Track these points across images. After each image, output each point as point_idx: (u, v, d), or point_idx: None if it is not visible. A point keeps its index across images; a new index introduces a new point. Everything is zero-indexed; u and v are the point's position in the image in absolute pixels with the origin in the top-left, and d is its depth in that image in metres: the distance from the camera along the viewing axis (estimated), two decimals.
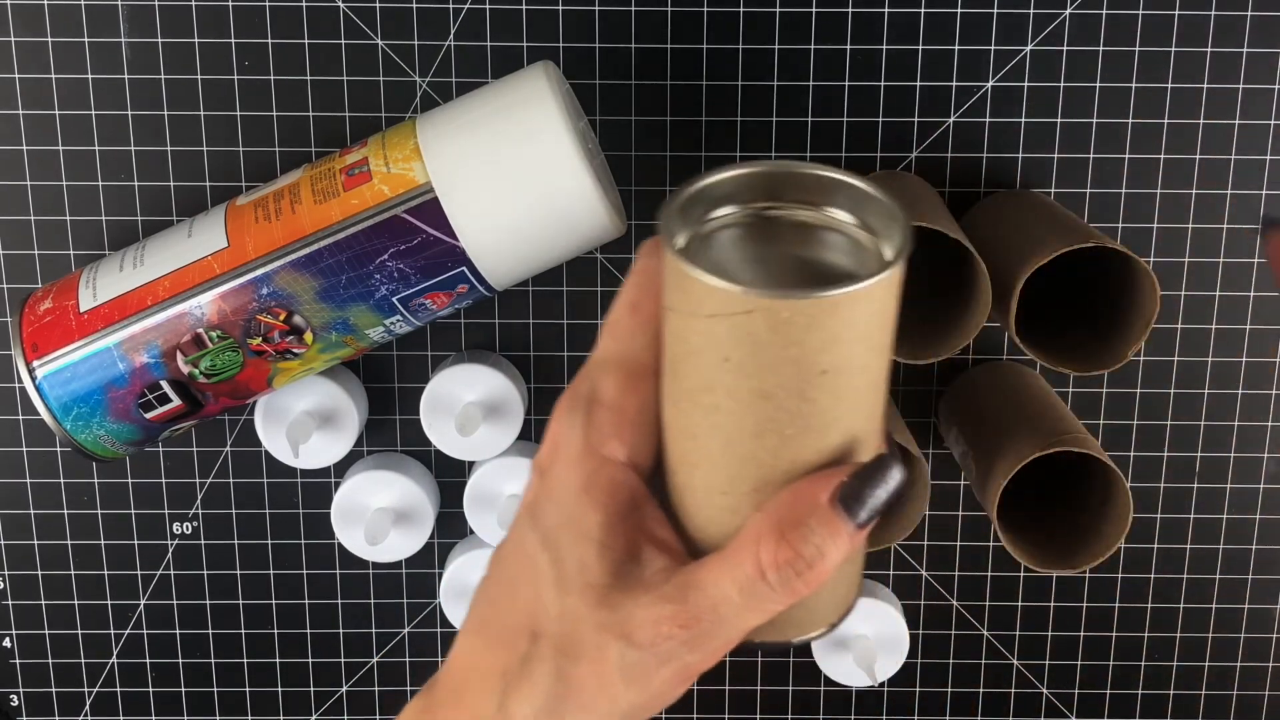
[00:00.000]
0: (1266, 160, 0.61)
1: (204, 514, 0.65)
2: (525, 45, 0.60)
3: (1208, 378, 0.64)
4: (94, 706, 0.68)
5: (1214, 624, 0.67)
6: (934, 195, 0.60)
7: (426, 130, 0.53)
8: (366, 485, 0.63)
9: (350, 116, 0.60)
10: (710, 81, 0.60)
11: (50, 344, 0.54)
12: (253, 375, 0.55)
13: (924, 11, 0.59)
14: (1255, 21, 0.60)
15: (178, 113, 0.60)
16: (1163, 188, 0.62)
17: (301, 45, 0.60)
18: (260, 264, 0.53)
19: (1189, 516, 0.66)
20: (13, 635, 0.67)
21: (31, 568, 0.66)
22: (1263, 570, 0.66)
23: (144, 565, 0.66)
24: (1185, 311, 0.63)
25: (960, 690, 0.68)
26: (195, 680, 0.67)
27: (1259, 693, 0.68)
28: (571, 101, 0.55)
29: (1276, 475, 0.65)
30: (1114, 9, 0.59)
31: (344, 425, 0.62)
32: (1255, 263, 0.63)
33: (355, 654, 0.67)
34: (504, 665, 0.37)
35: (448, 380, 0.61)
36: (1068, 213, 0.58)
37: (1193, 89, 0.60)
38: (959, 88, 0.60)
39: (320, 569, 0.66)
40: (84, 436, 0.55)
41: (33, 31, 0.59)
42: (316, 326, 0.54)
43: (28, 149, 0.61)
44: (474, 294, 0.54)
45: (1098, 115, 0.61)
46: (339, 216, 0.52)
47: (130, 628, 0.67)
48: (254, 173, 0.61)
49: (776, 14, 0.59)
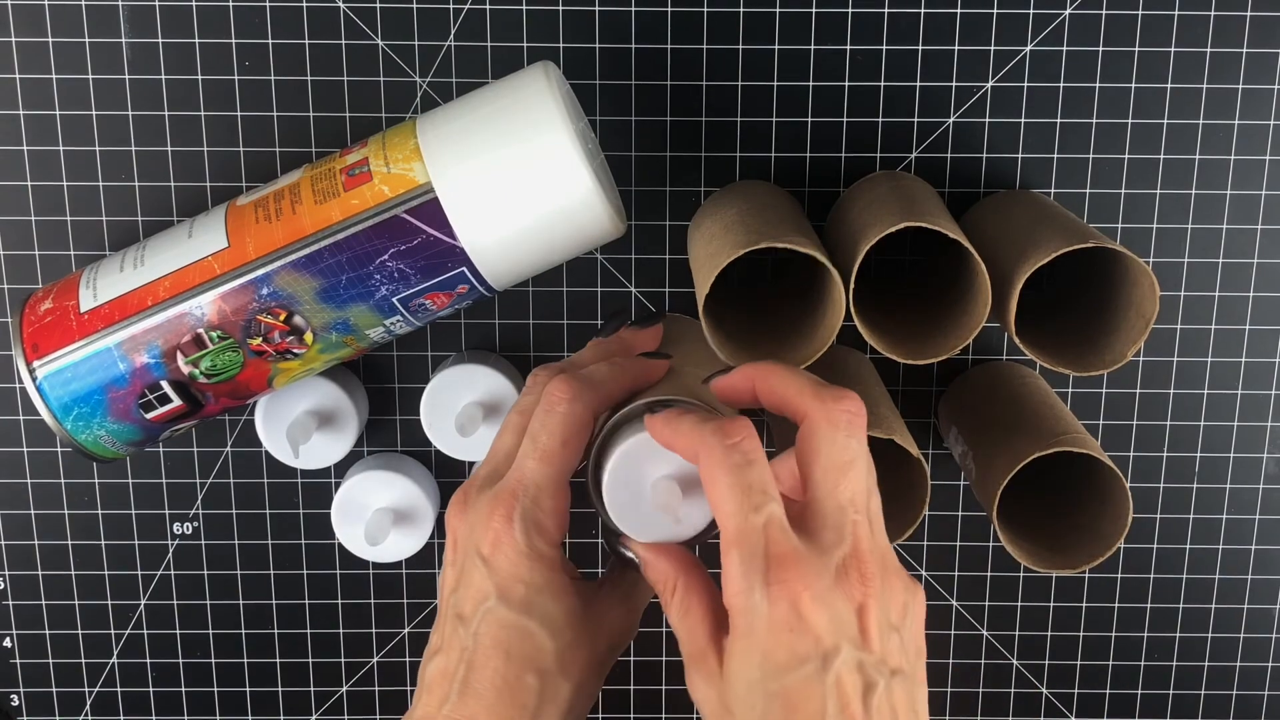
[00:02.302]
0: (1266, 160, 0.61)
1: (204, 514, 0.65)
2: (525, 45, 0.60)
3: (1207, 378, 0.64)
4: (94, 706, 0.68)
5: (1213, 624, 0.67)
6: (934, 195, 0.60)
7: (426, 130, 0.53)
8: (366, 485, 0.63)
9: (350, 116, 0.60)
10: (710, 81, 0.60)
11: (51, 344, 0.54)
12: (253, 375, 0.55)
13: (924, 12, 0.59)
14: (1255, 21, 0.60)
15: (178, 113, 0.60)
16: (1162, 188, 0.62)
17: (301, 45, 0.60)
18: (261, 264, 0.53)
19: (1188, 516, 0.66)
20: (13, 635, 0.67)
21: (32, 568, 0.66)
22: (1262, 570, 0.66)
23: (144, 565, 0.66)
24: (1185, 311, 0.63)
25: (960, 690, 0.68)
26: (195, 680, 0.68)
27: (1259, 693, 0.68)
28: (571, 101, 0.55)
29: (1276, 475, 0.65)
30: (1114, 9, 0.60)
31: (344, 425, 0.62)
32: (1255, 263, 0.63)
33: (355, 654, 0.67)
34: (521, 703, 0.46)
35: (448, 380, 0.61)
36: (1067, 213, 0.58)
37: (1192, 89, 0.60)
38: (959, 88, 0.60)
39: (320, 569, 0.66)
40: (84, 437, 0.55)
41: (33, 32, 0.59)
42: (316, 327, 0.54)
43: (28, 149, 0.61)
44: (474, 294, 0.54)
45: (1097, 115, 0.61)
46: (339, 217, 0.52)
47: (130, 628, 0.67)
48: (254, 173, 0.61)
49: (776, 14, 0.59)
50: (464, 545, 0.48)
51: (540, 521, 0.46)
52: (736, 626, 0.42)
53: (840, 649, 0.41)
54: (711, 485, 0.43)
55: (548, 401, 0.47)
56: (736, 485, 0.42)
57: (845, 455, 0.43)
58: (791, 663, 0.41)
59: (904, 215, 0.53)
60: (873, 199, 0.57)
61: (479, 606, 0.47)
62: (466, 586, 0.47)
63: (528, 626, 0.46)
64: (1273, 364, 0.64)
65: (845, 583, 0.42)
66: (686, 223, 0.62)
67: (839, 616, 0.41)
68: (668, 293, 0.63)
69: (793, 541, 0.42)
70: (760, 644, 0.41)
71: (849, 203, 0.59)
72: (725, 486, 0.42)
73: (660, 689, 0.68)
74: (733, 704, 0.42)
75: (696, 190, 0.62)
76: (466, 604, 0.47)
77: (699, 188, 0.62)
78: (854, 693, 0.41)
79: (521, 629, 0.46)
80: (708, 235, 0.57)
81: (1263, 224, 0.62)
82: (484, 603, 0.46)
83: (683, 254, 0.62)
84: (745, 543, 0.42)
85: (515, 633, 0.46)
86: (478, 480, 0.48)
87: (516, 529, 0.46)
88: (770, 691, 0.41)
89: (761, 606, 0.41)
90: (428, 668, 0.48)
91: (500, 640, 0.46)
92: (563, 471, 0.47)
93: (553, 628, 0.46)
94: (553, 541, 0.47)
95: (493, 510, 0.47)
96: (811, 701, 0.40)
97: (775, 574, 0.41)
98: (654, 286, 0.63)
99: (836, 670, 0.40)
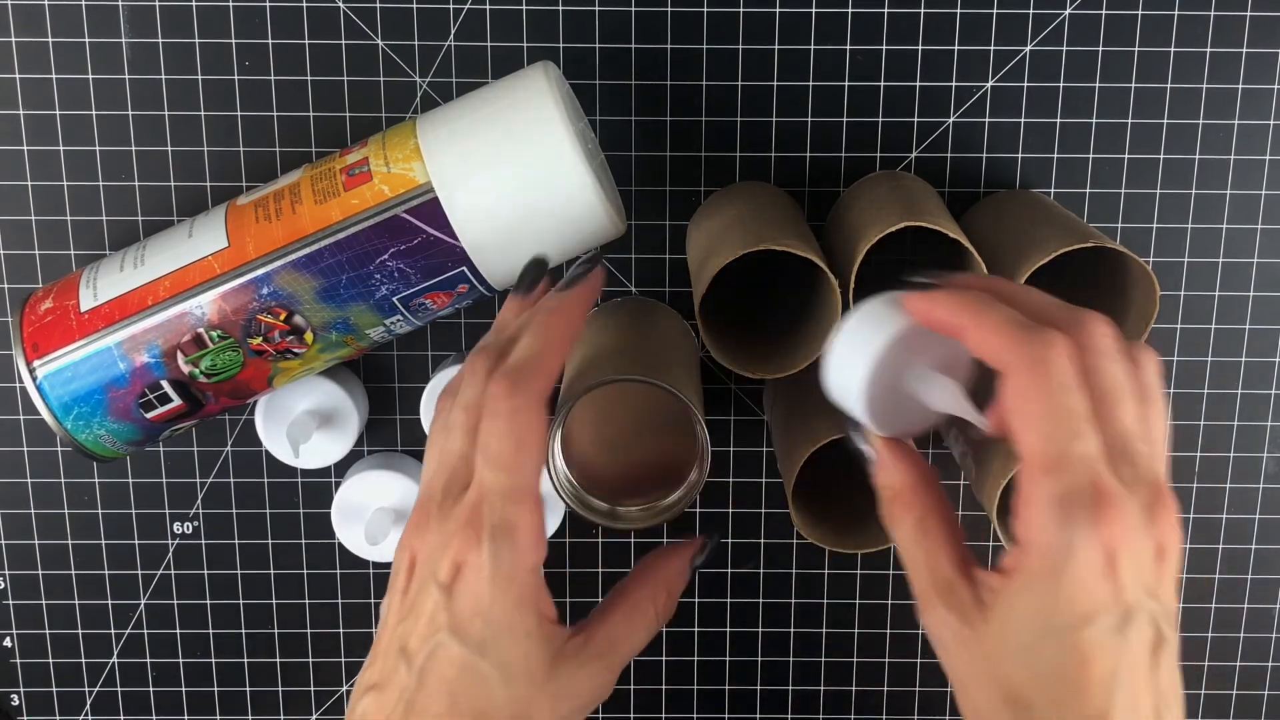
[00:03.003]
0: (1266, 160, 0.61)
1: (204, 514, 0.65)
2: (525, 45, 0.60)
3: (1207, 378, 0.64)
4: (94, 706, 0.68)
5: (1213, 624, 0.67)
6: (934, 195, 0.60)
7: (426, 130, 0.53)
8: (366, 485, 0.63)
9: (350, 116, 0.61)
10: (710, 81, 0.60)
11: (51, 344, 0.54)
12: (253, 375, 0.55)
13: (924, 12, 0.59)
14: (1255, 21, 0.60)
15: (178, 113, 0.60)
16: (1162, 188, 0.62)
17: (301, 45, 0.60)
18: (261, 264, 0.53)
19: (1189, 516, 0.66)
20: (13, 635, 0.67)
21: (32, 567, 0.66)
22: (1262, 570, 0.66)
23: (144, 565, 0.66)
24: (1185, 311, 0.63)
25: None
26: (195, 680, 0.68)
27: (1259, 693, 0.68)
28: (571, 101, 0.55)
29: (1276, 475, 0.65)
30: (1113, 9, 0.60)
31: (344, 425, 0.62)
32: (1255, 263, 0.63)
33: (355, 654, 0.67)
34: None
35: (448, 380, 0.61)
36: (1067, 212, 0.58)
37: (1192, 89, 0.61)
38: (959, 88, 0.60)
39: (320, 569, 0.66)
40: (84, 436, 0.55)
41: (33, 31, 0.59)
42: (316, 326, 0.54)
43: (28, 149, 0.61)
44: (474, 294, 0.55)
45: (1097, 115, 0.61)
46: (339, 216, 0.52)
47: (130, 628, 0.67)
48: (254, 173, 0.61)
49: (776, 14, 0.59)
50: (421, 571, 0.43)
51: (513, 539, 0.41)
52: (1031, 566, 0.38)
53: (1142, 603, 0.37)
54: (1025, 399, 0.38)
55: (490, 406, 0.43)
56: (1059, 406, 0.38)
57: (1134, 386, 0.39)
58: (1094, 614, 0.37)
59: (904, 215, 0.53)
60: (872, 199, 0.57)
61: (427, 640, 0.42)
62: (417, 617, 0.42)
63: (480, 669, 0.41)
64: (1273, 364, 0.64)
65: (1152, 526, 0.38)
66: (686, 223, 0.62)
67: (1142, 567, 0.38)
68: (667, 292, 0.63)
69: (1116, 482, 0.37)
70: (1064, 589, 0.37)
71: (849, 202, 0.59)
72: (1046, 405, 0.38)
73: (660, 689, 0.68)
74: (999, 649, 0.38)
75: (696, 190, 0.62)
76: (413, 637, 0.42)
77: (699, 188, 0.62)
78: (1144, 651, 0.37)
79: (474, 672, 0.41)
80: (706, 236, 0.57)
81: (1263, 224, 0.62)
82: (434, 636, 0.42)
83: (682, 254, 0.62)
84: (1067, 473, 0.37)
85: (466, 675, 0.41)
86: (433, 494, 0.44)
87: (484, 551, 0.41)
88: (1063, 644, 0.37)
89: (1078, 548, 0.37)
90: (359, 704, 0.43)
91: (447, 682, 0.41)
92: (528, 479, 0.42)
93: (508, 675, 0.41)
94: (526, 564, 0.42)
95: (457, 529, 0.42)
96: (1106, 658, 0.37)
97: (1101, 514, 0.37)
98: (654, 286, 0.63)
99: (1138, 626, 0.37)
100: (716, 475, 0.65)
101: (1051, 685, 0.37)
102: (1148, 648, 0.38)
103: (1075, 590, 0.37)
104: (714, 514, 0.66)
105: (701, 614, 0.67)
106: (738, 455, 0.65)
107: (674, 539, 0.48)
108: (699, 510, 0.65)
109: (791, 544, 0.66)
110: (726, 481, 0.65)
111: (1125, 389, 0.39)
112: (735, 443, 0.65)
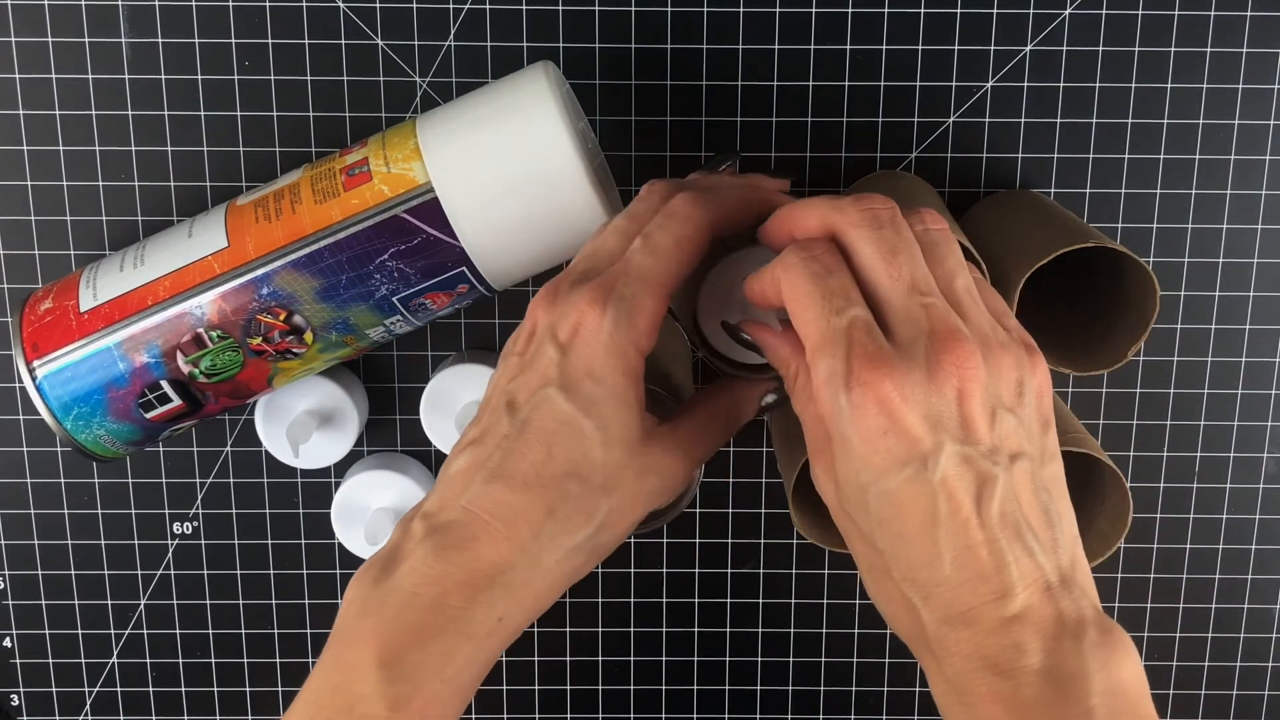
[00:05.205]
0: (1266, 160, 0.61)
1: (204, 514, 0.65)
2: (525, 45, 0.60)
3: (1207, 378, 0.64)
4: (94, 706, 0.68)
5: (1213, 624, 0.67)
6: (934, 195, 0.60)
7: (426, 130, 0.53)
8: (366, 485, 0.63)
9: (350, 116, 0.61)
10: (710, 81, 0.60)
11: (51, 344, 0.54)
12: (253, 375, 0.55)
13: (924, 11, 0.59)
14: (1255, 21, 0.60)
15: (178, 113, 0.60)
16: (1162, 188, 0.62)
17: (301, 45, 0.60)
18: (260, 264, 0.53)
19: (1189, 516, 0.66)
20: (13, 635, 0.67)
21: (32, 568, 0.66)
22: (1262, 570, 0.66)
23: (144, 565, 0.66)
24: (1185, 311, 0.63)
25: None
26: (195, 680, 0.68)
27: (1259, 693, 0.68)
28: (571, 101, 0.55)
29: (1276, 475, 0.65)
30: (1113, 9, 0.60)
31: (344, 425, 0.62)
32: (1255, 263, 0.63)
33: None
34: (550, 505, 0.42)
35: (448, 380, 0.61)
36: (1067, 213, 0.58)
37: (1192, 89, 0.61)
38: (959, 88, 0.60)
39: (320, 569, 0.66)
40: (84, 436, 0.55)
41: (33, 31, 0.59)
42: (316, 326, 0.54)
43: (28, 149, 0.61)
44: (474, 294, 0.55)
45: (1097, 115, 0.61)
46: (339, 216, 0.52)
47: (130, 628, 0.67)
48: (254, 173, 0.61)
49: (776, 14, 0.59)
50: (541, 333, 0.43)
51: (634, 316, 0.42)
52: (832, 435, 0.40)
53: (942, 446, 0.38)
54: (792, 298, 0.41)
55: (669, 208, 0.44)
56: (816, 291, 0.40)
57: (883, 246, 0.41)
58: (891, 467, 0.39)
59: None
60: None
61: (535, 393, 0.43)
62: (530, 373, 0.43)
63: (583, 427, 0.42)
64: (1273, 364, 0.64)
65: (938, 373, 0.39)
66: None
67: (935, 412, 0.39)
68: None
69: (879, 341, 0.39)
70: (856, 450, 0.39)
71: None
72: (805, 294, 0.40)
73: (660, 689, 0.68)
74: (845, 505, 0.41)
75: None
76: (522, 391, 0.43)
77: None
78: (964, 492, 0.38)
79: (575, 428, 0.42)
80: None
81: (1263, 224, 0.62)
82: (543, 389, 0.43)
83: None
84: (828, 346, 0.39)
85: (567, 430, 0.42)
86: (571, 275, 0.44)
87: (607, 316, 0.42)
88: (878, 495, 0.39)
89: (848, 411, 0.39)
90: (456, 460, 0.44)
91: (547, 434, 0.42)
92: (670, 274, 0.43)
93: (607, 438, 0.42)
94: (639, 345, 0.43)
95: (584, 296, 0.43)
96: (919, 504, 0.38)
97: (859, 375, 0.39)
98: None
99: (941, 470, 0.38)
100: (717, 475, 0.65)
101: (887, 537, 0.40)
102: (969, 489, 0.39)
103: (866, 449, 0.39)
104: (715, 513, 0.66)
105: (701, 614, 0.67)
106: (738, 455, 0.65)
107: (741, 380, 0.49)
108: (699, 510, 0.65)
109: (791, 544, 0.66)
110: (726, 481, 0.65)
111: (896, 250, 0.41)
112: (735, 443, 0.65)
